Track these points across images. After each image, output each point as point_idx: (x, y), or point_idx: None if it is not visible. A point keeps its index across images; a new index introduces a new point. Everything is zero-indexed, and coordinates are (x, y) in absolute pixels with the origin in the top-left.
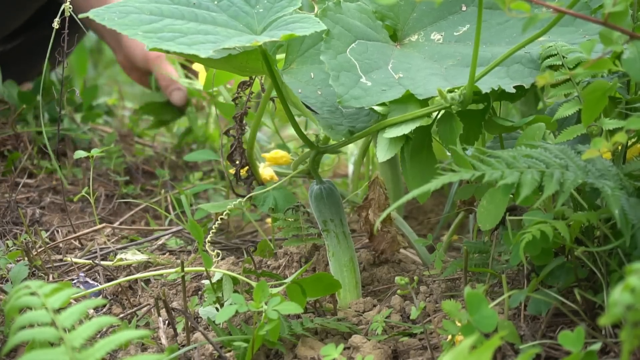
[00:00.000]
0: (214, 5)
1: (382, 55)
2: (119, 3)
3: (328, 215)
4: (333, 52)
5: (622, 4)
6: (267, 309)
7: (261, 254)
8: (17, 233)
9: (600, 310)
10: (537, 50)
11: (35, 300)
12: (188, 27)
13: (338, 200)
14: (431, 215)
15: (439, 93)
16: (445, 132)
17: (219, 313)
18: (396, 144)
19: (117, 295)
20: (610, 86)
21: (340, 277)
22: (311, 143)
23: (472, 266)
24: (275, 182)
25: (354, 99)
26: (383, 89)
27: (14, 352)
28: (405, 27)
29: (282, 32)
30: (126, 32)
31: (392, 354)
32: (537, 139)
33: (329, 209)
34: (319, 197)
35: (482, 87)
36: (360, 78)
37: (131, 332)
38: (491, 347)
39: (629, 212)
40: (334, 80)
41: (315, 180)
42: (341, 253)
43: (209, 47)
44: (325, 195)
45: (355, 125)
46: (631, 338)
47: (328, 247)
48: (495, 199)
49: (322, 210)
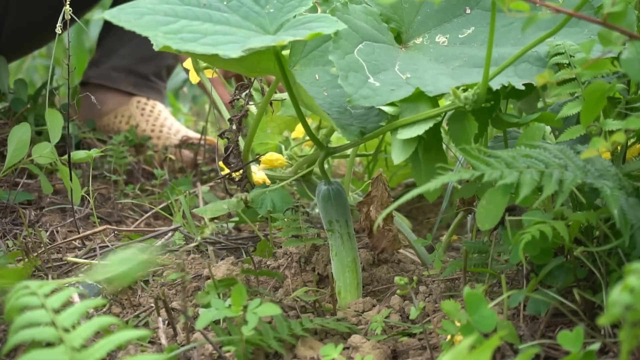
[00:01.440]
0: (224, 6)
1: (389, 56)
2: (131, 4)
3: (334, 216)
4: (341, 53)
5: (620, 4)
6: (247, 313)
7: (261, 254)
8: (17, 233)
9: (599, 310)
10: (545, 49)
11: (34, 300)
12: (205, 28)
13: (345, 202)
14: (430, 216)
15: (452, 93)
16: (457, 131)
17: (198, 319)
18: (410, 145)
19: (116, 295)
20: (609, 87)
21: (341, 278)
22: (321, 144)
23: (471, 266)
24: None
25: (363, 98)
26: (392, 88)
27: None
28: (409, 30)
29: (305, 32)
30: (146, 33)
31: (391, 353)
32: (537, 139)
33: (335, 210)
34: (327, 197)
35: (492, 85)
36: (368, 79)
37: (130, 332)
38: (490, 347)
39: (627, 212)
40: (343, 80)
41: (324, 180)
42: (344, 253)
43: (236, 47)
44: (333, 196)
45: (366, 125)
46: (630, 338)
47: (332, 247)
48: (495, 199)
49: (328, 210)
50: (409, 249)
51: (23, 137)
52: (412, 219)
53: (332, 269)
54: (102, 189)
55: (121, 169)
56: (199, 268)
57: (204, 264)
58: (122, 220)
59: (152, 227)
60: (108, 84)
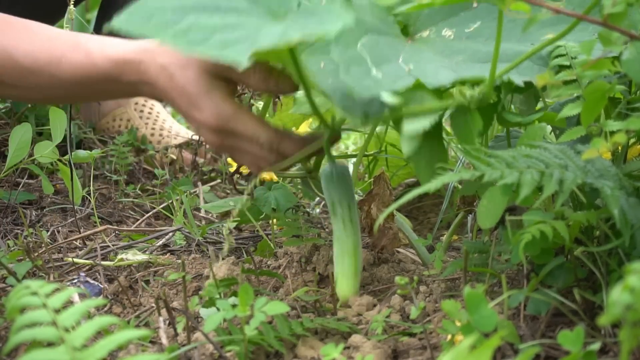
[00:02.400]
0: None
1: (393, 49)
2: (138, 4)
3: (336, 197)
4: (344, 46)
5: (621, 5)
6: (255, 311)
7: (261, 254)
8: (18, 233)
9: (599, 310)
10: (547, 48)
11: (36, 300)
12: (214, 23)
13: (349, 184)
14: (431, 215)
15: (459, 92)
16: (460, 128)
17: (206, 321)
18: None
19: (117, 295)
20: (609, 87)
21: (340, 263)
22: (326, 122)
23: (471, 266)
24: (275, 182)
25: (365, 89)
26: (394, 79)
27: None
28: (417, 23)
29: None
30: (158, 37)
31: (392, 353)
32: (538, 139)
33: (337, 191)
34: (329, 178)
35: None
36: (370, 71)
37: (131, 332)
38: (491, 347)
39: (628, 212)
40: (345, 74)
41: (328, 161)
42: (345, 238)
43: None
44: (336, 177)
45: (370, 110)
46: (630, 338)
47: (334, 232)
48: (495, 198)
49: (331, 191)
50: (409, 249)
51: (24, 137)
52: (413, 218)
53: (333, 255)
54: (103, 189)
55: (123, 169)
56: (200, 268)
57: (205, 264)
58: (122, 220)
59: (153, 227)
60: None
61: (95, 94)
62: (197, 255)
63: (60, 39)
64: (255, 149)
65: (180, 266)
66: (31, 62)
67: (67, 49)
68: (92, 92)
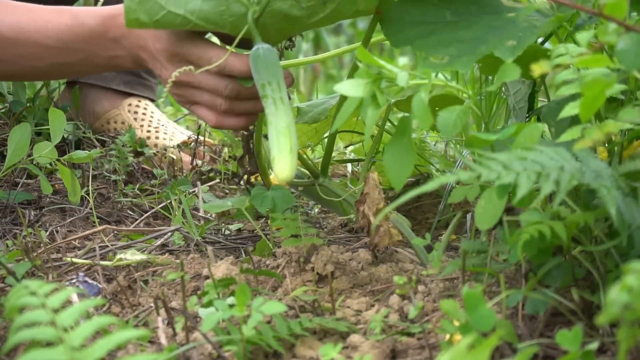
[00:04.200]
0: None
1: None
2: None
3: (266, 78)
4: None
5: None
6: (253, 311)
7: (260, 253)
8: (16, 233)
9: (597, 310)
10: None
11: (34, 300)
12: None
13: (276, 62)
14: (429, 215)
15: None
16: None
17: (204, 321)
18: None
19: (116, 294)
20: (609, 82)
21: (276, 144)
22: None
23: (470, 266)
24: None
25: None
26: None
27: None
28: None
29: None
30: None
31: (390, 353)
32: (535, 141)
33: (266, 70)
34: (257, 57)
35: None
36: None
37: (130, 332)
38: (489, 346)
39: (625, 212)
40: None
41: (257, 42)
42: (277, 119)
43: None
44: (263, 55)
45: None
46: (628, 337)
47: (267, 115)
48: (493, 199)
49: (260, 71)
50: (407, 249)
51: (23, 137)
52: (411, 218)
53: (269, 139)
54: (102, 189)
55: (122, 169)
56: (199, 268)
57: (203, 264)
58: (121, 220)
59: (151, 226)
60: (99, 83)
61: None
62: (196, 255)
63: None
64: (207, 78)
65: (179, 266)
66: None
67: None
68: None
